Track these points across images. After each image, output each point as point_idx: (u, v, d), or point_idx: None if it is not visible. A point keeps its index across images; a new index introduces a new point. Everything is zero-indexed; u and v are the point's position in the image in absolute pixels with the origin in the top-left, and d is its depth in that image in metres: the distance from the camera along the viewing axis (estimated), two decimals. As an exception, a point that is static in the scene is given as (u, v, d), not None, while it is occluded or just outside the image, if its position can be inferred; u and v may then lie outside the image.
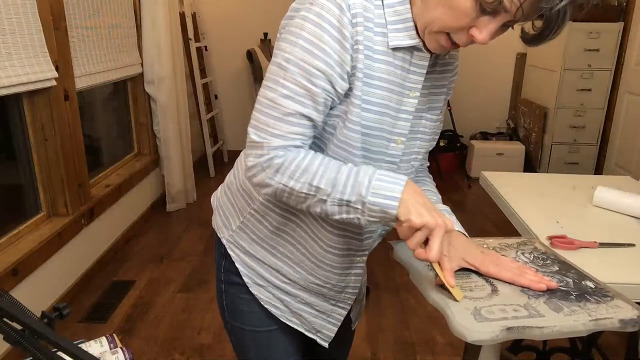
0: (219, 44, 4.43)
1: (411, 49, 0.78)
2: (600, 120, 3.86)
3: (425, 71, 0.81)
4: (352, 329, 1.14)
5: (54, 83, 2.10)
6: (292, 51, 0.73)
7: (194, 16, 4.07)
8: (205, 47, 4.36)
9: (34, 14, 1.96)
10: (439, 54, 0.83)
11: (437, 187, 1.02)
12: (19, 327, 0.57)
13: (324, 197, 0.75)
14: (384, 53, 0.77)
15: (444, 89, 0.89)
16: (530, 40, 0.71)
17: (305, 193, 0.76)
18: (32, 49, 1.95)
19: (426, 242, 0.74)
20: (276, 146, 0.75)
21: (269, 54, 4.18)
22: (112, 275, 2.56)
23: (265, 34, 4.25)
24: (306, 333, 0.99)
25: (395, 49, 0.77)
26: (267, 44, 4.23)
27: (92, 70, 2.50)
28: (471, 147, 4.28)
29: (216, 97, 4.53)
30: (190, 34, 3.82)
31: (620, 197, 1.38)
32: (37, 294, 2.02)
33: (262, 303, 0.95)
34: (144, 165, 3.19)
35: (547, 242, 1.16)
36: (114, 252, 2.74)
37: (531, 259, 0.92)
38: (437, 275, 0.80)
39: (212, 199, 1.04)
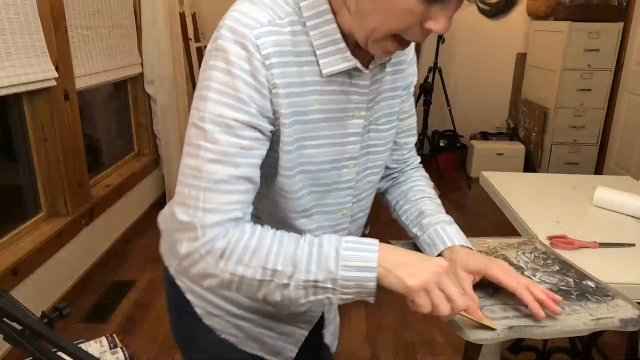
0: (219, 44, 4.42)
1: (348, 70, 0.70)
2: (600, 120, 3.86)
3: (367, 90, 0.73)
4: (332, 352, 1.07)
5: (54, 83, 2.09)
6: (205, 107, 0.63)
7: (194, 16, 4.07)
8: (205, 47, 4.35)
9: (34, 14, 1.96)
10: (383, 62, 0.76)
11: (437, 186, 1.00)
12: (19, 327, 0.57)
13: (285, 281, 0.63)
14: (316, 83, 0.68)
15: (399, 91, 0.82)
16: (495, 14, 0.65)
17: (259, 280, 0.63)
18: (32, 49, 1.95)
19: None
20: (212, 223, 0.63)
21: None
22: (112, 275, 2.56)
23: (265, 34, 4.24)
24: (266, 357, 0.91)
25: (330, 75, 0.69)
26: (267, 44, 4.23)
27: (92, 70, 2.50)
28: (471, 147, 4.28)
29: (216, 97, 4.53)
30: (190, 34, 3.82)
31: (620, 197, 1.38)
32: (37, 294, 2.02)
33: (217, 333, 0.87)
34: (144, 165, 3.19)
35: (547, 242, 1.16)
36: (114, 252, 2.74)
37: (532, 258, 0.92)
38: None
39: (159, 219, 0.93)
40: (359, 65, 0.69)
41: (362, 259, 0.63)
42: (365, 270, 0.62)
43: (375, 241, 0.65)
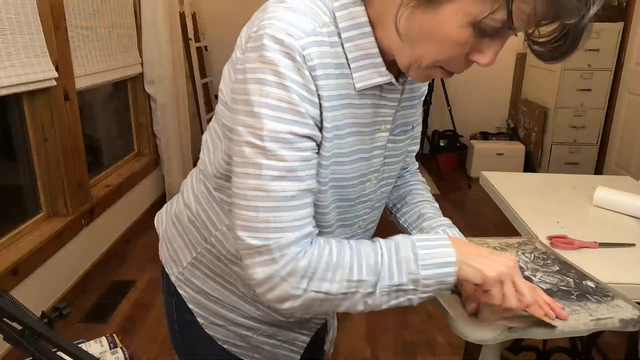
0: (219, 44, 4.42)
1: (380, 84, 0.68)
2: (600, 120, 3.86)
3: (397, 103, 0.72)
4: (327, 351, 1.06)
5: (54, 83, 2.09)
6: (262, 125, 0.60)
7: (194, 16, 4.07)
8: (206, 47, 4.35)
9: (34, 14, 1.96)
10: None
11: (437, 186, 1.00)
12: (19, 327, 0.57)
13: (370, 290, 0.63)
14: (349, 96, 0.66)
15: (417, 100, 0.81)
16: (553, 58, 0.62)
17: (344, 293, 0.63)
18: (32, 49, 1.95)
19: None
20: (289, 243, 0.61)
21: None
22: (112, 275, 2.56)
23: (265, 34, 4.24)
24: None
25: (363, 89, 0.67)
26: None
27: (92, 70, 2.50)
28: (471, 147, 4.28)
29: (216, 97, 4.52)
30: (190, 34, 3.82)
31: (620, 197, 1.38)
32: (37, 294, 2.02)
33: (219, 343, 0.86)
34: (144, 165, 3.19)
35: (547, 242, 1.16)
36: (114, 252, 2.73)
37: (532, 258, 0.92)
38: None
39: (156, 222, 0.91)
40: (393, 80, 0.68)
41: (440, 255, 0.64)
42: (445, 266, 0.64)
43: (445, 235, 0.67)
